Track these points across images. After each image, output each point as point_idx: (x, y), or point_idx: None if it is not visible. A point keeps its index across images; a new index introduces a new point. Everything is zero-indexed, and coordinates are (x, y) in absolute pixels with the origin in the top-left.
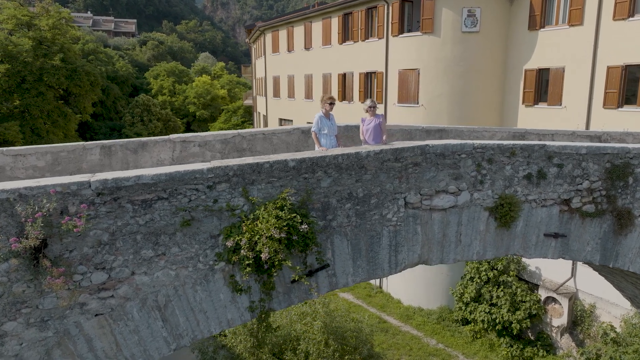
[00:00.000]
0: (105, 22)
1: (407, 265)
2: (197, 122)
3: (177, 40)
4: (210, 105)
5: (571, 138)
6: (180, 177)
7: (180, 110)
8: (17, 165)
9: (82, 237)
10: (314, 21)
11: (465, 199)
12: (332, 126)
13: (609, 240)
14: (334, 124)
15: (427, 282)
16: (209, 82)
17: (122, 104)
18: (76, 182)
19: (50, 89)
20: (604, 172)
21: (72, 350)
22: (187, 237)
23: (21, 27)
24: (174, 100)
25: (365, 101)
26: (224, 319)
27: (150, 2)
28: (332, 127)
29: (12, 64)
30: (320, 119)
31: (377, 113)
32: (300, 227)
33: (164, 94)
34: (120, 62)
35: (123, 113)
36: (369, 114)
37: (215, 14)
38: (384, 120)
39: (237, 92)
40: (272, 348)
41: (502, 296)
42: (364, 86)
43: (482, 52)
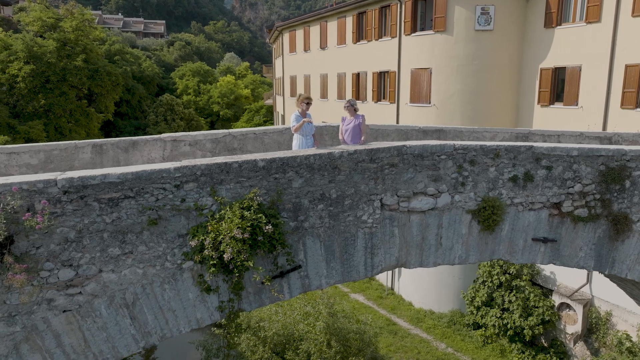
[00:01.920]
0: (135, 24)
1: (384, 268)
2: (220, 121)
3: (204, 41)
4: (234, 105)
5: (579, 139)
6: (147, 176)
7: (204, 109)
8: (11, 163)
9: (49, 234)
10: (329, 21)
11: (446, 202)
12: (308, 126)
13: (604, 246)
14: (311, 124)
15: (439, 285)
16: (233, 81)
17: (147, 104)
18: (42, 180)
19: (73, 89)
20: (598, 174)
21: (40, 345)
22: (154, 236)
23: (46, 29)
24: (198, 100)
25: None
26: (193, 318)
27: (180, 3)
28: (309, 127)
29: (37, 65)
30: (296, 119)
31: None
32: (264, 228)
33: (188, 93)
34: (147, 63)
35: (148, 112)
36: (349, 114)
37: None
38: (364, 120)
39: (260, 91)
40: (275, 347)
41: (514, 301)
42: (377, 86)
43: (496, 50)
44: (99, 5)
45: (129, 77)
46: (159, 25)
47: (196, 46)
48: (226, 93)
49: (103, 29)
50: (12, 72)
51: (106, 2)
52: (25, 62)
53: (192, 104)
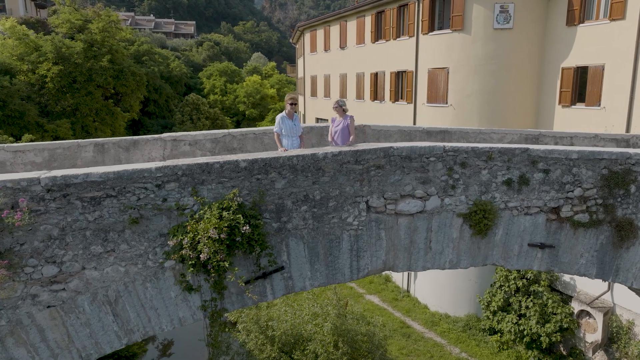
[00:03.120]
0: (166, 25)
1: (370, 271)
2: (246, 120)
3: (232, 41)
4: (260, 105)
5: (593, 141)
6: (129, 175)
7: (230, 109)
8: (16, 160)
9: (32, 232)
10: (349, 20)
11: (435, 205)
12: (294, 127)
13: (608, 253)
14: (297, 125)
15: (455, 288)
16: (259, 81)
17: (174, 103)
18: (26, 179)
19: (99, 89)
20: (600, 179)
21: (24, 339)
22: (136, 235)
23: (75, 31)
24: (224, 100)
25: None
26: (175, 316)
27: (210, 4)
28: (295, 127)
29: (65, 65)
30: (282, 120)
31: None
32: (242, 229)
33: (215, 93)
34: (175, 63)
35: (175, 111)
36: (338, 115)
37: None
38: (352, 121)
39: (285, 91)
40: (283, 346)
41: (531, 307)
42: (394, 86)
43: (515, 49)
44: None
45: (156, 77)
46: (189, 26)
47: (225, 46)
48: (252, 93)
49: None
50: (41, 73)
51: (139, 4)
52: (54, 62)
53: (219, 104)
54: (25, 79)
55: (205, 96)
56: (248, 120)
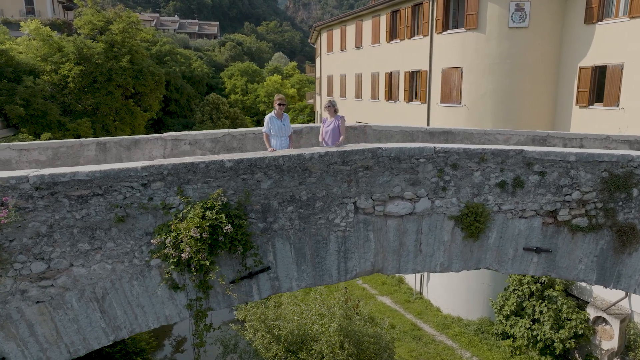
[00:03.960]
0: (190, 25)
1: (358, 273)
2: None
3: (255, 41)
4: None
5: (605, 143)
6: (115, 174)
7: (251, 108)
8: (21, 159)
9: (21, 228)
10: (364, 19)
11: (425, 207)
12: (283, 127)
13: (608, 259)
14: (286, 125)
15: (468, 291)
16: (280, 81)
17: (195, 102)
18: (15, 177)
19: (119, 88)
20: (600, 182)
21: (14, 333)
22: (122, 233)
23: (96, 32)
24: (245, 99)
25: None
26: (162, 314)
27: (234, 4)
28: (284, 127)
29: (86, 66)
30: (270, 120)
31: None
32: (224, 228)
33: (236, 92)
34: (197, 63)
35: (196, 111)
36: (329, 115)
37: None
38: (343, 121)
39: (306, 90)
40: (289, 346)
41: (545, 312)
42: (408, 85)
43: (531, 48)
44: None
45: (178, 77)
46: (213, 27)
47: (247, 46)
48: (272, 92)
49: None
50: (63, 73)
51: (164, 5)
52: (76, 63)
53: (239, 103)
54: (48, 79)
55: (227, 96)
56: None
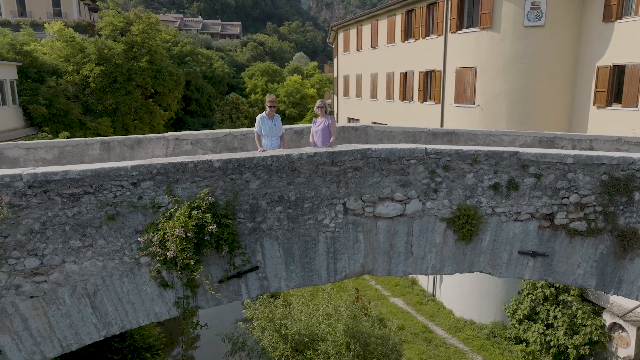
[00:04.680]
0: (213, 26)
1: (348, 274)
2: (286, 119)
3: (276, 41)
4: (299, 104)
5: (616, 145)
6: (106, 173)
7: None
8: (29, 157)
9: (15, 225)
10: (380, 19)
11: (416, 208)
12: (274, 127)
13: (609, 264)
14: (277, 125)
15: (481, 294)
16: (300, 81)
17: (216, 102)
18: (9, 175)
19: (138, 88)
20: (599, 185)
21: (9, 327)
22: (113, 231)
23: (117, 33)
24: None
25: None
26: (151, 311)
27: (257, 5)
28: (275, 128)
29: (106, 66)
30: (262, 120)
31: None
32: (209, 228)
33: (256, 92)
34: (218, 63)
35: (216, 110)
36: (320, 115)
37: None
38: (333, 121)
39: (325, 90)
40: (296, 345)
41: (559, 317)
42: (423, 85)
43: (547, 47)
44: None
45: (198, 77)
46: (235, 27)
47: (269, 46)
48: (292, 92)
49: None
50: (84, 73)
51: (188, 6)
52: (97, 63)
53: (260, 103)
54: (70, 79)
55: (247, 96)
56: (288, 119)
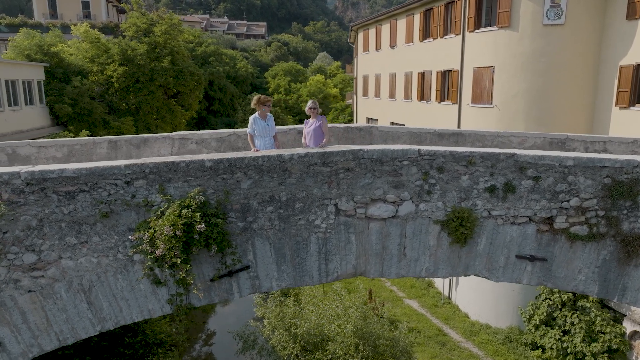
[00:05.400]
0: (239, 26)
1: (340, 276)
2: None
3: (301, 41)
4: (322, 104)
5: (632, 147)
6: (100, 172)
7: (293, 108)
8: (40, 155)
9: (14, 221)
10: (399, 18)
11: (409, 210)
12: (267, 127)
13: (612, 271)
14: (270, 125)
15: (497, 297)
16: (322, 81)
17: (239, 102)
18: (8, 173)
19: (160, 88)
20: (602, 188)
21: (8, 320)
22: (107, 228)
23: (140, 34)
24: (288, 99)
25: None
26: (145, 308)
27: (283, 5)
28: (268, 128)
29: (129, 66)
30: (254, 120)
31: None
32: (197, 227)
33: (279, 92)
34: (242, 63)
35: (238, 110)
36: (312, 116)
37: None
38: (325, 122)
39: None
40: (305, 345)
41: (577, 323)
42: (440, 85)
43: (567, 46)
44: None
45: (222, 76)
46: (261, 27)
47: (293, 46)
48: (315, 92)
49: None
50: (108, 73)
51: (215, 7)
52: (120, 64)
53: (282, 103)
54: (95, 79)
55: (270, 95)
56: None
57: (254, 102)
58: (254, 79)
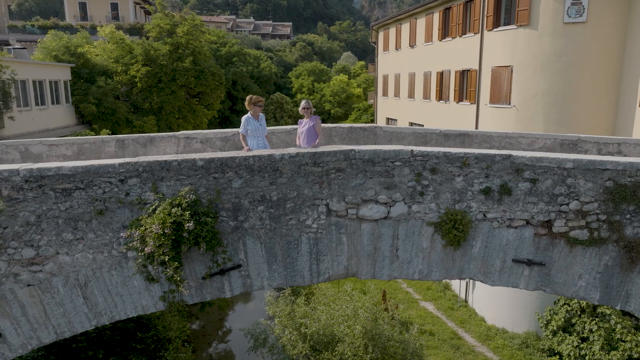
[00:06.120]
0: (265, 26)
1: (331, 276)
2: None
3: (326, 41)
4: (345, 104)
5: None
6: (95, 170)
7: (316, 107)
8: (51, 153)
9: (13, 217)
10: (418, 17)
11: (401, 211)
12: (259, 128)
13: (615, 277)
14: (263, 125)
15: (515, 301)
16: (346, 80)
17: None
18: (7, 170)
19: (182, 88)
20: (603, 192)
21: (8, 312)
22: (102, 225)
23: (163, 35)
24: (311, 99)
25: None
26: (139, 304)
27: (309, 5)
28: (260, 128)
29: (152, 67)
30: (247, 120)
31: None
32: (185, 225)
33: (303, 92)
34: (265, 63)
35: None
36: (305, 116)
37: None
38: (318, 122)
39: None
40: (315, 345)
41: (596, 330)
42: (459, 85)
43: (589, 44)
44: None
45: (245, 76)
46: (286, 27)
47: (318, 46)
48: (338, 92)
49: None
50: (132, 74)
51: (242, 8)
52: (143, 64)
53: None
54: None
55: (294, 95)
56: (333, 119)
57: (246, 102)
58: (278, 78)
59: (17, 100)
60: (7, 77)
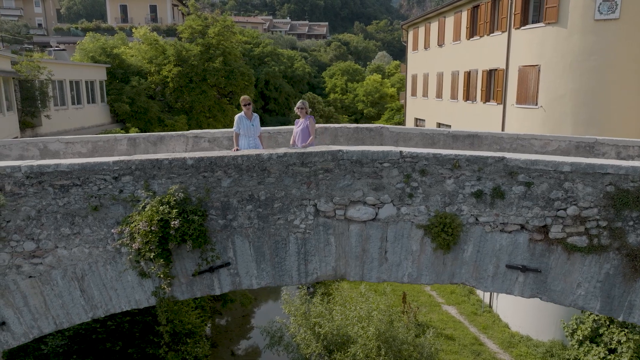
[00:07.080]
0: (301, 27)
1: (320, 277)
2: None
3: (361, 41)
4: (378, 104)
5: None
6: (91, 167)
7: (349, 107)
8: (67, 150)
9: (16, 211)
10: (447, 16)
11: (390, 213)
12: (252, 127)
13: (616, 286)
14: (255, 126)
15: (539, 309)
16: (379, 80)
17: (294, 101)
18: (10, 166)
19: (213, 88)
20: (603, 197)
21: (11, 302)
22: (97, 221)
23: (195, 36)
24: (344, 98)
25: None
26: (132, 299)
27: (346, 4)
28: (253, 128)
29: (183, 67)
30: (240, 120)
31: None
32: (171, 223)
33: (335, 92)
34: (299, 63)
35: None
36: (301, 116)
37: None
38: (312, 121)
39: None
40: (328, 345)
41: (624, 342)
42: (485, 85)
43: (621, 43)
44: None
45: (277, 76)
46: (322, 27)
47: (354, 46)
48: (371, 91)
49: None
50: (164, 74)
51: (279, 8)
52: (175, 65)
53: (338, 102)
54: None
55: (327, 95)
56: (366, 118)
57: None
58: (311, 78)
59: (54, 100)
60: (45, 78)
